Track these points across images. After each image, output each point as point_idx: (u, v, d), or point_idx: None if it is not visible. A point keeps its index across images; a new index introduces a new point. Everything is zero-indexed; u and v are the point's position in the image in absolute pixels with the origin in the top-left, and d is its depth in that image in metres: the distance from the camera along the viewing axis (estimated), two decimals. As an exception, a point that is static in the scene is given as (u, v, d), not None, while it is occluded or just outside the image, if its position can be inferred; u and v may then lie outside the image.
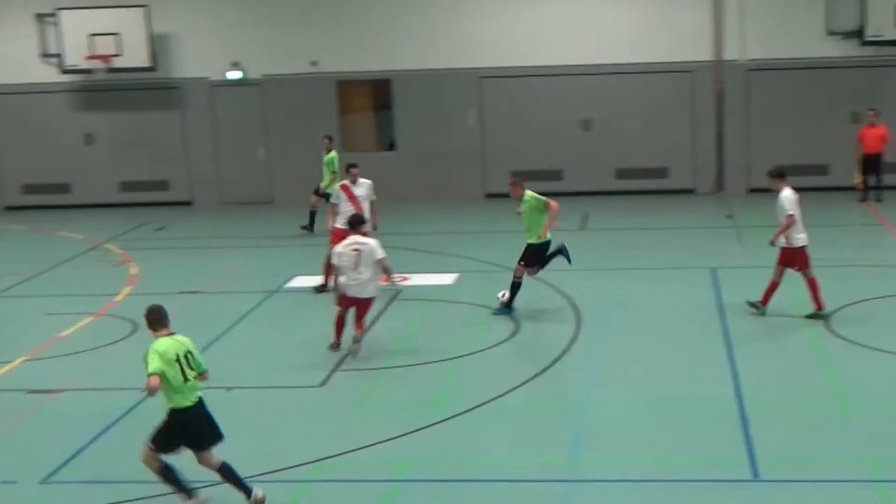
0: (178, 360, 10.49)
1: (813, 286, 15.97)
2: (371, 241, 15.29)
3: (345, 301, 15.27)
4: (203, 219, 25.75)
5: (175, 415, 10.54)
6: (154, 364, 10.28)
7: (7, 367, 15.28)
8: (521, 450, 11.92)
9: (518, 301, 16.91)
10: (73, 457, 12.11)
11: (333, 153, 23.08)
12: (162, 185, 27.42)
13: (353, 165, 18.61)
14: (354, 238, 15.33)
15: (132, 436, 12.61)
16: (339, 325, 15.42)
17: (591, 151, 26.80)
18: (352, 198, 18.12)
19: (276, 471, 11.50)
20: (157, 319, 10.84)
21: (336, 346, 15.44)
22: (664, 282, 18.59)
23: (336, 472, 11.47)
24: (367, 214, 17.77)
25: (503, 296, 16.95)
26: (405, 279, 16.41)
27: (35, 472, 11.69)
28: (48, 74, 26.88)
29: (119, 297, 18.78)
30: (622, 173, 26.85)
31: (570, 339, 15.63)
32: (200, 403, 10.67)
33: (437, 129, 26.98)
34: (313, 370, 14.64)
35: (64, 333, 16.82)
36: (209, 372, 10.91)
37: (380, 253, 15.13)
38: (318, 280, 18.41)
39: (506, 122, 26.90)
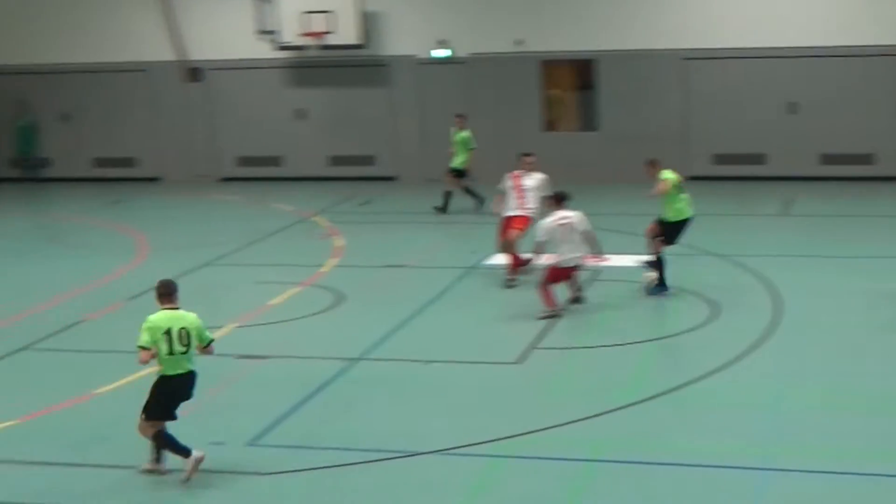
0: (167, 332, 10.93)
1: None
2: (577, 214, 15.70)
3: (555, 274, 15.62)
4: (407, 194, 26.25)
5: (160, 381, 11.11)
6: (142, 338, 10.91)
7: (219, 333, 15.89)
8: (716, 436, 11.90)
9: (715, 287, 16.83)
10: (278, 422, 12.62)
11: (467, 132, 23.41)
12: (368, 161, 28.04)
13: (528, 154, 18.65)
14: (560, 213, 15.74)
15: (335, 404, 13.15)
16: (549, 294, 15.77)
17: (795, 135, 26.31)
18: (518, 189, 18.22)
19: (469, 445, 11.78)
20: (164, 294, 11.32)
21: (552, 309, 15.68)
22: (867, 272, 18.20)
23: (530, 448, 11.65)
24: (533, 206, 17.88)
25: (650, 276, 16.96)
26: (605, 259, 16.54)
27: (242, 435, 12.22)
28: (263, 51, 27.74)
29: (325, 269, 19.38)
30: (827, 158, 26.29)
31: (767, 326, 15.48)
32: (190, 375, 11.18)
33: (639, 111, 26.88)
34: (510, 347, 14.88)
35: (273, 302, 17.46)
36: (214, 344, 11.42)
37: (586, 225, 15.57)
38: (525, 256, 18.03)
39: (709, 104, 26.62)
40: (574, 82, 27.96)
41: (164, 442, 11.16)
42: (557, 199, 16.33)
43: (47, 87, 29.38)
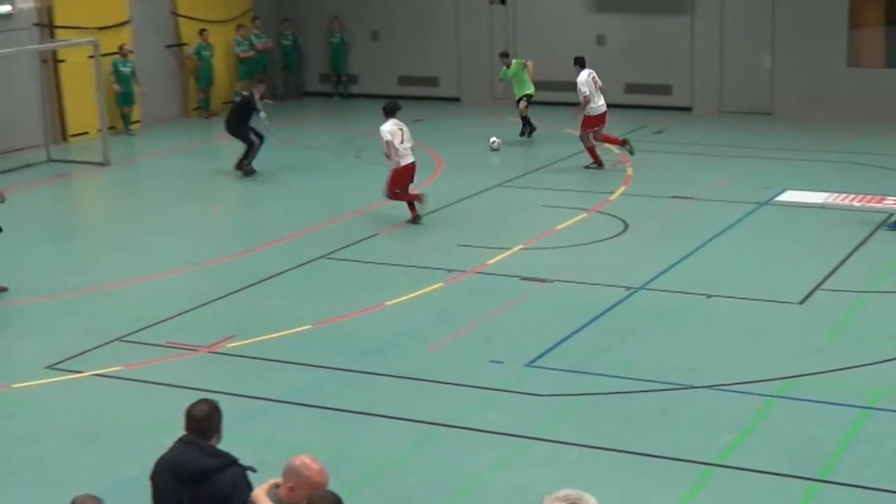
0: None
1: None
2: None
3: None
4: (701, 125, 25.98)
5: None
6: None
7: (506, 254, 16.42)
8: None
9: None
10: (556, 345, 12.96)
11: (516, 60, 24.44)
12: (665, 90, 27.82)
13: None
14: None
15: (612, 331, 13.40)
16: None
17: None
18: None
19: (746, 382, 11.82)
20: None
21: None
22: None
23: (806, 391, 11.59)
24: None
25: None
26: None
27: (521, 356, 12.63)
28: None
29: (613, 197, 19.53)
30: None
31: None
32: None
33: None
34: (795, 287, 14.69)
35: (559, 226, 17.78)
36: None
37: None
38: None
39: None
40: (884, 17, 26.83)
41: None
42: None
43: (359, 4, 30.41)
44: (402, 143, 17.92)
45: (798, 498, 9.64)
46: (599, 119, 21.83)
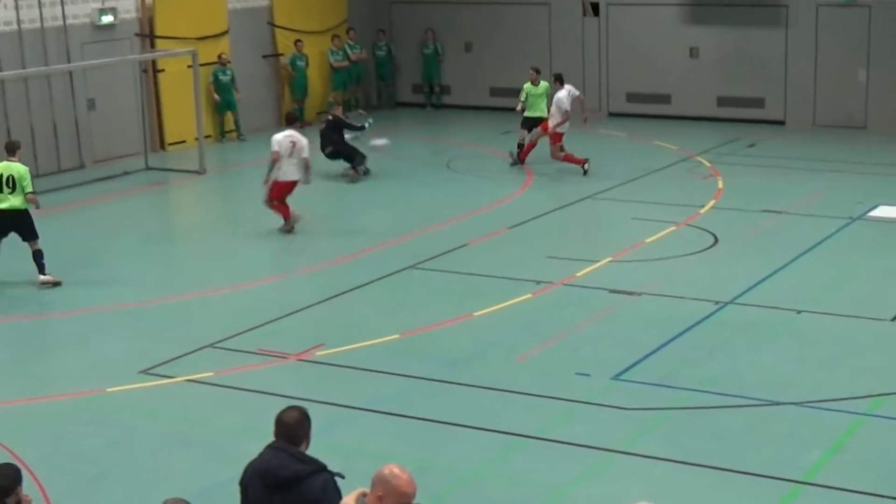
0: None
1: None
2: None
3: None
4: (794, 139, 25.73)
5: None
6: None
7: (594, 266, 16.44)
8: None
9: None
10: (643, 358, 12.95)
11: (546, 83, 23.35)
12: (757, 103, 27.59)
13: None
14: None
15: (699, 345, 13.37)
16: None
17: None
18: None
19: (835, 399, 11.72)
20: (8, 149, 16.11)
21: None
22: None
23: (895, 409, 11.51)
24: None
25: None
26: None
27: (607, 368, 12.65)
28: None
29: (703, 210, 19.44)
30: None
31: None
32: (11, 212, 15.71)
33: None
34: (886, 303, 14.53)
35: (648, 239, 17.75)
36: None
37: None
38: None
39: None
40: None
41: None
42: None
43: (453, 16, 30.59)
44: (290, 156, 18.28)
45: (885, 518, 9.57)
46: (561, 136, 22.31)
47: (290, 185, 18.56)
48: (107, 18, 24.25)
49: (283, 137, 18.42)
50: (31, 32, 23.02)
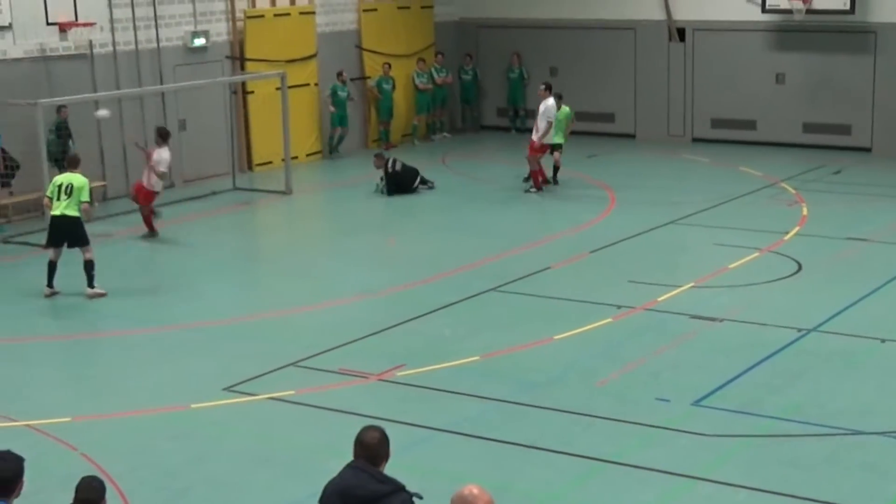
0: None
1: None
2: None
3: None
4: (880, 166, 25.44)
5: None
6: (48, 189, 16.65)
7: (676, 291, 16.40)
8: None
9: None
10: (724, 384, 12.88)
11: (567, 108, 23.77)
12: (844, 129, 27.35)
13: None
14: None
15: (783, 372, 13.27)
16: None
17: None
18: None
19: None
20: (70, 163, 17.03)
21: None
22: None
23: (980, 441, 11.37)
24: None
25: None
26: None
27: (688, 394, 12.60)
28: (748, 13, 27.70)
29: (787, 237, 19.31)
30: None
31: None
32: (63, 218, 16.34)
33: None
34: (973, 335, 14.36)
35: (731, 265, 17.67)
36: None
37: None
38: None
39: None
40: None
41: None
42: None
43: (539, 40, 30.71)
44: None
45: (968, 551, 9.44)
46: (546, 148, 22.91)
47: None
48: (199, 41, 24.71)
49: (169, 153, 20.00)
50: (125, 54, 23.54)
